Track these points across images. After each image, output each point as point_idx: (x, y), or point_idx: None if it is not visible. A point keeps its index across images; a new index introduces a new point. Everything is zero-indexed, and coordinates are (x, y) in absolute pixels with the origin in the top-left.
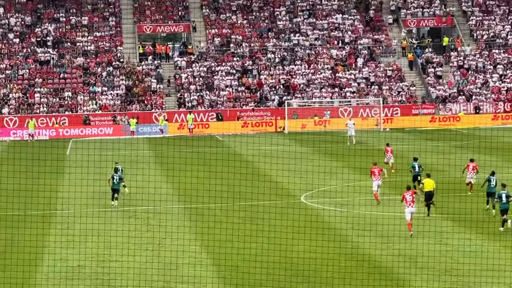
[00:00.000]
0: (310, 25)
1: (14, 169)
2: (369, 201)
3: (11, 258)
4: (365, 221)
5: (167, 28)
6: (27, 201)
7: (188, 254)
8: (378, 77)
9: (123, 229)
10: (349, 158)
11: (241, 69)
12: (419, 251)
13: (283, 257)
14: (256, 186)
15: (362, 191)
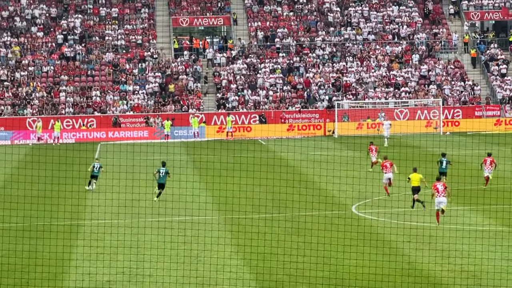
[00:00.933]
0: (363, 18)
1: (39, 174)
2: (428, 211)
3: (35, 271)
4: (423, 233)
5: (205, 20)
6: (52, 209)
7: (229, 269)
8: (437, 75)
9: (157, 240)
10: (406, 163)
11: (286, 66)
12: (483, 267)
13: (333, 271)
14: (303, 195)
15: None
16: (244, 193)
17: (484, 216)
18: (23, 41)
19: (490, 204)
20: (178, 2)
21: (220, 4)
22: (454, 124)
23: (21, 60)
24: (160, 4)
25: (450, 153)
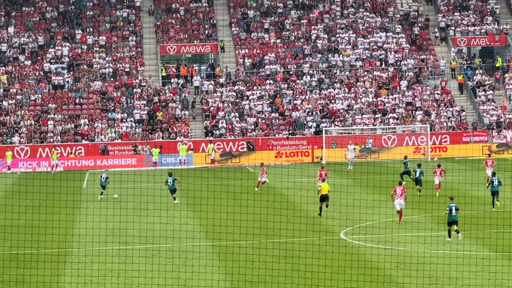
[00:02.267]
0: (350, 44)
1: (26, 204)
2: (416, 238)
3: None
4: (411, 260)
5: (193, 48)
6: (40, 238)
7: None
8: (425, 101)
9: (145, 269)
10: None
11: (274, 93)
12: None
13: None
14: (291, 222)
15: (408, 226)
16: (232, 221)
17: (472, 242)
18: (11, 70)
19: (477, 230)
20: (165, 30)
21: (207, 32)
22: (442, 150)
23: (9, 89)
24: (147, 32)
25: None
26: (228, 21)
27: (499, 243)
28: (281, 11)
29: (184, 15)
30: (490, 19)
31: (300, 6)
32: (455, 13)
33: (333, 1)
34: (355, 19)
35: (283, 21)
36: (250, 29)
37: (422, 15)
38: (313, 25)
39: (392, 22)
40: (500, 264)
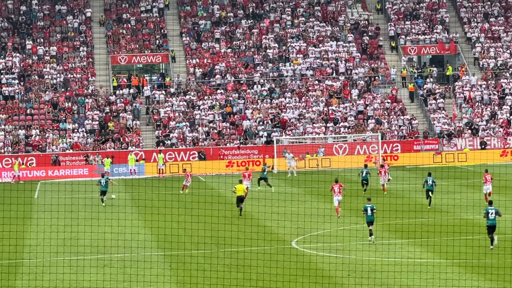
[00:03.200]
0: (301, 53)
1: None
2: (367, 246)
3: None
4: (362, 268)
5: (144, 58)
6: None
7: None
8: (376, 110)
9: (97, 279)
10: (344, 199)
11: (225, 102)
12: None
13: None
14: (243, 231)
15: (359, 235)
16: (184, 230)
17: (422, 250)
18: None
19: (427, 237)
20: (116, 40)
21: (158, 42)
22: (393, 158)
23: None
24: (98, 43)
25: (387, 188)
26: (178, 31)
27: (449, 250)
28: (232, 21)
29: (135, 25)
30: (440, 28)
31: (251, 16)
32: (405, 21)
33: (284, 10)
34: (305, 28)
35: (234, 31)
36: (201, 38)
37: (372, 24)
38: (264, 35)
39: (342, 31)
40: (450, 271)
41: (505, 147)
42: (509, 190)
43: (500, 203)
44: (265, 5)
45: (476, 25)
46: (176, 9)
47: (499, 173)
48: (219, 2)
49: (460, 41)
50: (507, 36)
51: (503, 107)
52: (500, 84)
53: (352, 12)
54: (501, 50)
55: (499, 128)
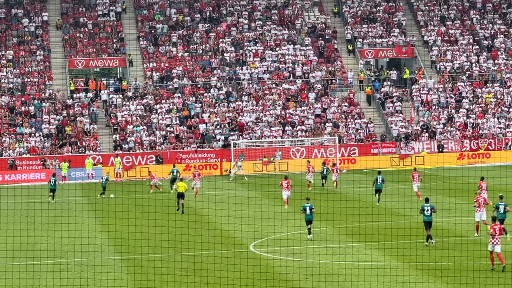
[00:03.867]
0: (258, 57)
1: None
2: (324, 249)
3: None
4: (320, 272)
5: (101, 62)
6: None
7: None
8: (333, 113)
9: (53, 283)
10: (301, 202)
11: (182, 106)
12: None
13: None
14: (200, 235)
15: (316, 238)
16: (141, 234)
17: (380, 253)
18: None
19: (385, 240)
20: (73, 44)
21: (115, 46)
22: (351, 162)
23: None
24: (55, 47)
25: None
26: (136, 35)
27: (406, 253)
28: (189, 25)
29: (92, 29)
30: (397, 31)
31: (208, 20)
32: (362, 25)
33: (241, 14)
34: (262, 31)
35: (191, 35)
36: (158, 42)
37: (329, 27)
38: (221, 38)
39: (299, 35)
40: (408, 274)
41: (462, 150)
42: (465, 193)
43: (456, 206)
44: (222, 9)
45: (433, 28)
46: (133, 13)
47: (456, 176)
48: (176, 6)
49: (417, 44)
50: (463, 39)
51: (460, 110)
52: (457, 87)
53: (309, 15)
54: (458, 53)
55: (456, 131)
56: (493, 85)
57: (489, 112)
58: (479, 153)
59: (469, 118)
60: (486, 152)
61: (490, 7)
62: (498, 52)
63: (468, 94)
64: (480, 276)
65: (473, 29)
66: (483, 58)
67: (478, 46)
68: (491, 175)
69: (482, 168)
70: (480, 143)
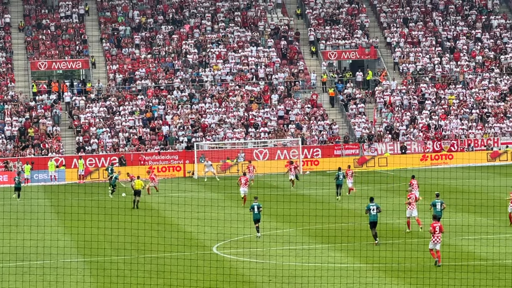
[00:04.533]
0: (221, 58)
1: None
2: (287, 251)
3: None
4: (283, 273)
5: (64, 64)
6: None
7: None
8: (296, 115)
9: (15, 286)
10: (263, 204)
11: (145, 108)
12: None
13: None
14: (163, 237)
15: (279, 240)
16: (104, 236)
17: (343, 255)
18: None
19: (348, 242)
20: (36, 46)
21: (78, 48)
22: (314, 163)
23: None
24: (17, 48)
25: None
26: (98, 37)
27: (369, 254)
28: (152, 27)
29: (54, 31)
30: (360, 33)
31: (171, 22)
32: (325, 27)
33: (204, 16)
34: (225, 33)
35: (154, 37)
36: (121, 44)
37: (292, 29)
38: (184, 40)
39: (262, 36)
40: (371, 276)
41: (425, 151)
42: (428, 195)
43: (420, 207)
44: (185, 11)
45: (396, 30)
46: (96, 15)
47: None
48: (139, 8)
49: (380, 46)
50: (426, 41)
51: (423, 111)
52: (420, 88)
53: (272, 17)
54: (421, 55)
55: (419, 132)
56: (455, 87)
57: (452, 113)
58: (442, 154)
59: (432, 119)
60: (449, 154)
61: (452, 9)
62: (460, 54)
63: (431, 96)
64: (443, 277)
65: (436, 30)
66: (445, 59)
67: (441, 48)
68: (454, 176)
69: (445, 169)
70: (443, 145)
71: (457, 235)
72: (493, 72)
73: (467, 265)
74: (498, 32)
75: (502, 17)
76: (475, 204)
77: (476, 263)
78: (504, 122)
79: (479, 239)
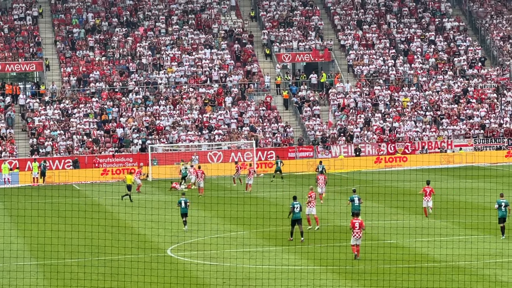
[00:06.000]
0: (176, 61)
1: None
2: (241, 253)
3: None
4: (237, 276)
5: (17, 66)
6: None
7: None
8: (250, 117)
9: None
10: (217, 207)
11: (100, 110)
12: None
13: None
14: (117, 239)
15: (233, 242)
16: (57, 239)
17: (297, 257)
18: None
19: (302, 244)
20: None
21: (32, 50)
22: (268, 166)
23: None
24: None
25: (261, 195)
26: (53, 39)
27: (323, 257)
28: (106, 29)
29: (8, 33)
30: (314, 35)
31: (125, 24)
32: (279, 29)
33: (158, 18)
34: (179, 36)
35: (108, 39)
36: (75, 47)
37: (246, 31)
38: (138, 43)
39: (216, 39)
40: (325, 278)
41: (379, 154)
42: (382, 197)
43: (373, 209)
44: (140, 13)
45: (350, 32)
46: (50, 17)
47: (372, 180)
48: (93, 10)
49: (334, 48)
50: (380, 43)
51: (376, 114)
52: (374, 91)
53: (226, 19)
54: (375, 57)
55: (373, 135)
56: (409, 89)
57: (406, 115)
58: (396, 156)
59: (386, 121)
60: (403, 156)
61: (406, 11)
62: (414, 56)
63: (385, 98)
64: (397, 279)
65: (390, 33)
66: (399, 61)
67: (395, 50)
68: (407, 178)
69: (399, 172)
70: (397, 147)
71: (411, 237)
72: (447, 74)
73: (421, 267)
74: (452, 35)
75: (455, 19)
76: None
77: (430, 264)
78: (457, 124)
79: (433, 241)
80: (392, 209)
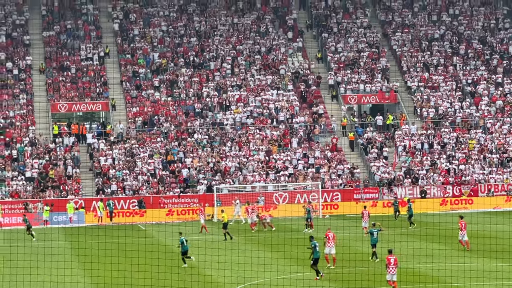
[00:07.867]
0: (242, 102)
1: None
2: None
3: None
4: None
5: (84, 106)
6: None
7: None
8: (316, 158)
9: None
10: (284, 248)
11: (165, 151)
12: None
13: None
14: (183, 280)
15: (299, 284)
16: (124, 279)
17: None
18: None
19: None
20: (56, 88)
21: (98, 90)
22: (333, 207)
23: None
24: (38, 90)
25: None
26: (119, 79)
27: None
28: (172, 69)
29: (75, 73)
30: (380, 77)
31: (191, 64)
32: (346, 70)
33: (224, 59)
34: (245, 77)
35: (174, 79)
36: (141, 87)
37: (313, 73)
38: (204, 83)
39: (283, 80)
40: None
41: (445, 196)
42: (448, 239)
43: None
44: (206, 53)
45: (416, 74)
46: (117, 57)
47: (439, 222)
48: (159, 51)
49: (400, 90)
50: (446, 85)
51: (443, 156)
52: (440, 133)
53: (293, 61)
54: (441, 99)
55: (438, 177)
56: (476, 131)
57: (472, 158)
58: (461, 199)
59: (451, 164)
60: (469, 198)
61: (472, 54)
62: (481, 98)
63: (451, 140)
64: None
65: (456, 75)
66: (466, 104)
67: (461, 92)
68: (475, 221)
69: (466, 214)
70: (462, 189)
71: (478, 280)
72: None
73: None
74: None
75: None
76: (496, 249)
77: None
78: None
79: (501, 285)
80: (460, 252)
